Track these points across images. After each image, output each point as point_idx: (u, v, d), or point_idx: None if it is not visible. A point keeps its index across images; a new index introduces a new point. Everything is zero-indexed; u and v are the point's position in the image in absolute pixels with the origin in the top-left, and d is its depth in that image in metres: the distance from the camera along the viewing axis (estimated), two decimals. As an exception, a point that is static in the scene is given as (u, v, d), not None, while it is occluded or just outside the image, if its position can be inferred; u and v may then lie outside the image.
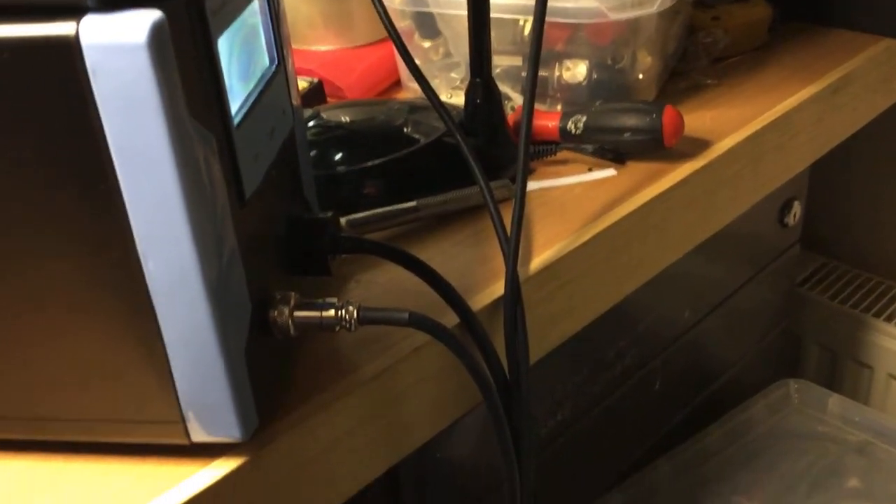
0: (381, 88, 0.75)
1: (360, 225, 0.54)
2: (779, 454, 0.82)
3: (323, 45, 0.75)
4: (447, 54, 0.70)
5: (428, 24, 0.67)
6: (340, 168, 0.60)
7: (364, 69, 0.73)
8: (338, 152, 0.62)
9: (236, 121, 0.36)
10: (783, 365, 0.98)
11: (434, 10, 0.65)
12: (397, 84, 0.75)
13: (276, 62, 0.42)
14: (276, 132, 0.42)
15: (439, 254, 0.54)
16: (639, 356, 0.74)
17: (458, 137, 0.53)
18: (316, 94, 0.70)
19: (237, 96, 0.37)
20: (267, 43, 0.41)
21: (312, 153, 0.63)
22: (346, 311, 0.41)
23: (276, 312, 0.41)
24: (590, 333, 0.59)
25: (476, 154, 0.54)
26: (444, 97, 0.70)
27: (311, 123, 0.64)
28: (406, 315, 0.42)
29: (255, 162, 0.39)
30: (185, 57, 0.32)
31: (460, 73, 0.69)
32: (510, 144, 0.61)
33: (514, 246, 0.50)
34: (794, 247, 0.91)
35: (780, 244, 0.89)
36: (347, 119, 0.66)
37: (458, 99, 0.67)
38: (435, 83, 0.71)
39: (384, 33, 0.75)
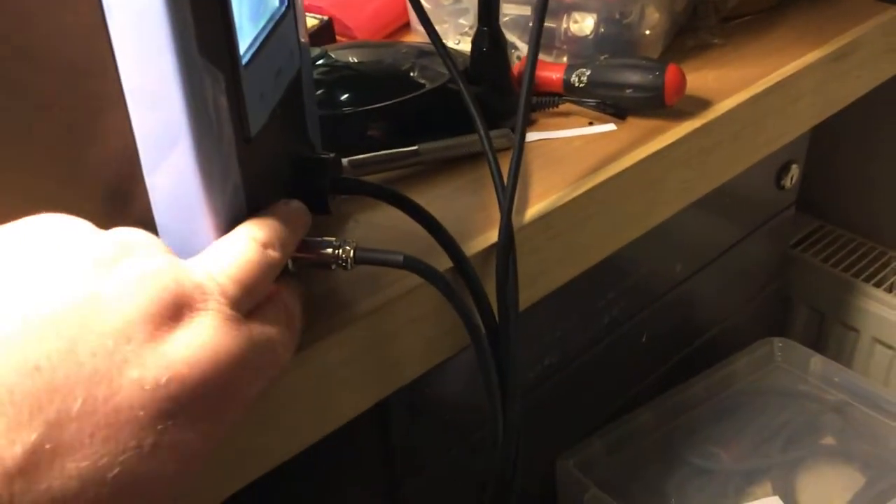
0: (391, 30, 0.75)
1: (362, 166, 0.56)
2: (758, 409, 0.84)
3: (338, -15, 0.75)
4: (456, 0, 0.70)
5: (438, -31, 0.67)
6: (346, 109, 0.61)
7: (374, 10, 0.74)
8: (344, 93, 0.62)
9: (244, 60, 0.37)
10: (772, 325, 1.00)
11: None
12: (406, 27, 0.76)
13: (287, 3, 0.43)
14: (282, 72, 0.43)
15: (438, 198, 0.55)
16: (627, 308, 0.76)
17: (460, 84, 0.54)
18: (325, 32, 0.71)
19: (246, 36, 0.38)
20: None
21: (319, 93, 0.63)
22: (343, 251, 0.42)
23: (275, 248, 0.42)
24: (580, 283, 0.60)
25: (478, 102, 0.55)
26: (451, 43, 0.70)
27: (318, 62, 0.65)
28: (401, 258, 0.43)
29: (261, 101, 0.40)
30: None
31: (469, 20, 0.69)
32: (513, 94, 0.61)
33: (510, 194, 0.51)
34: (789, 209, 0.92)
35: (776, 206, 0.90)
36: (355, 60, 0.67)
37: (466, 45, 0.68)
38: (443, 28, 0.72)
39: (396, -26, 0.76)
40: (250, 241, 0.36)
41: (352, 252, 0.42)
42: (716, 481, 0.77)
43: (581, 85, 0.62)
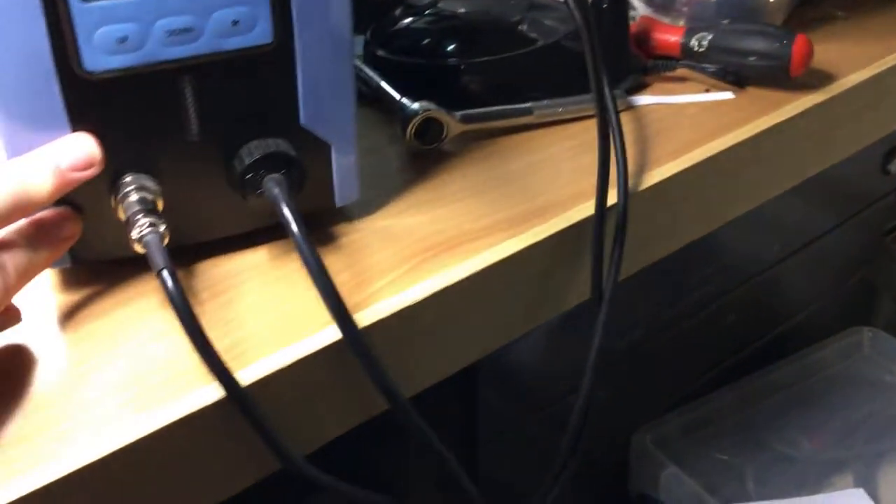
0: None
1: (473, 119, 0.54)
2: (844, 399, 0.81)
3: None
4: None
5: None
6: (452, 60, 0.59)
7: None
8: (451, 43, 0.60)
9: None
10: (856, 313, 0.97)
11: None
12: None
13: None
14: (201, 35, 0.39)
15: (548, 158, 0.54)
16: (718, 286, 0.74)
17: (592, 42, 0.52)
18: (432, -21, 0.69)
19: None
20: None
21: (425, 41, 0.62)
22: None
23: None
24: (675, 257, 0.58)
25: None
26: (562, -2, 0.68)
27: (426, 11, 0.63)
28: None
29: (120, 45, 0.37)
30: None
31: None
32: (630, 55, 0.59)
33: (622, 162, 0.49)
34: (890, 195, 0.88)
35: (877, 191, 0.86)
36: (463, 10, 0.65)
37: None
38: (555, -18, 0.69)
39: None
40: None
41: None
42: (796, 468, 0.75)
43: (701, 49, 0.59)
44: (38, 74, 0.36)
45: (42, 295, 0.43)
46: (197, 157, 0.41)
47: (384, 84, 0.57)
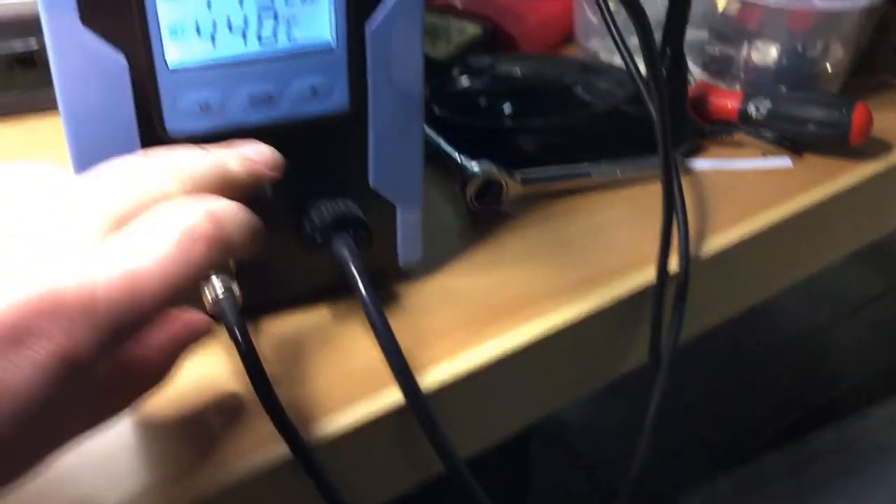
0: (552, 42, 0.74)
1: (534, 181, 0.54)
2: (891, 468, 0.80)
3: (501, -9, 0.74)
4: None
5: (615, -15, 0.65)
6: (510, 122, 0.60)
7: (539, 19, 0.72)
8: (509, 105, 0.61)
9: (174, 63, 0.37)
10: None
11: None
12: (567, 41, 0.74)
13: (335, 44, 0.39)
14: (278, 101, 0.39)
15: (606, 221, 0.54)
16: (771, 349, 0.73)
17: (656, 110, 0.52)
18: (489, 40, 0.70)
19: (200, 45, 0.37)
20: (332, 21, 0.39)
21: (483, 102, 0.63)
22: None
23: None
24: (728, 320, 0.58)
25: (650, 126, 0.53)
26: (616, 61, 0.69)
27: (484, 72, 0.64)
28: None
29: (203, 112, 0.38)
30: None
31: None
32: (687, 121, 0.60)
33: (683, 228, 0.50)
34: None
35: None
36: (518, 72, 0.66)
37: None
38: (607, 43, 0.70)
39: (562, -14, 0.75)
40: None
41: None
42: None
43: (759, 116, 0.59)
44: (121, 134, 0.38)
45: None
46: (269, 217, 0.42)
47: (444, 143, 0.57)
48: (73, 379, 0.28)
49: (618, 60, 0.69)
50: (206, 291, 0.38)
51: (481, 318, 0.46)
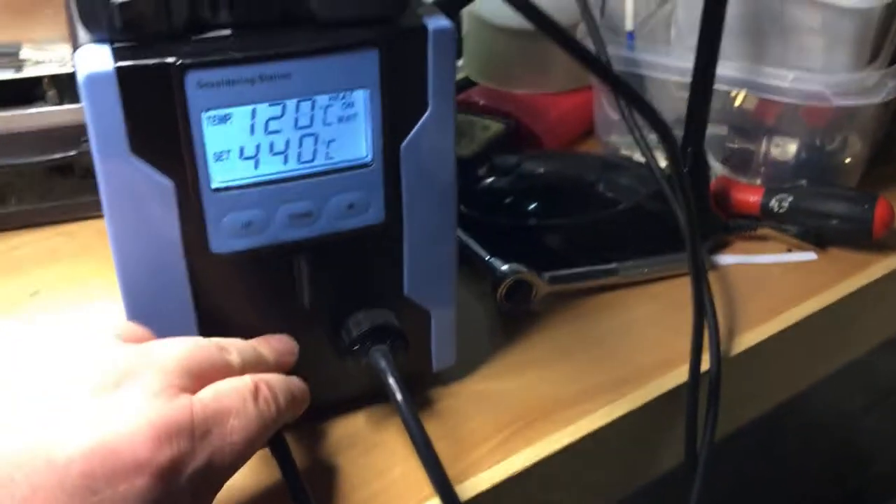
0: (573, 135, 0.75)
1: (562, 281, 0.55)
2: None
3: (520, 87, 0.76)
4: (648, 113, 0.70)
5: (633, 82, 0.67)
6: (535, 220, 0.60)
7: (558, 115, 0.74)
8: (533, 203, 0.62)
9: (218, 184, 0.38)
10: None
11: (646, 72, 0.65)
12: (587, 134, 0.76)
13: (371, 162, 0.40)
14: (319, 217, 0.41)
15: (635, 319, 0.54)
16: (803, 439, 0.73)
17: (682, 209, 0.53)
18: (511, 136, 0.71)
19: (242, 168, 0.38)
20: (369, 140, 0.40)
21: (508, 200, 0.63)
22: None
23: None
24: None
25: (673, 223, 0.54)
26: (637, 156, 0.70)
27: (510, 171, 0.66)
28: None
29: (245, 228, 0.39)
30: (150, 106, 0.36)
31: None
32: (710, 216, 0.60)
33: (713, 324, 0.50)
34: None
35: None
36: (542, 170, 0.67)
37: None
38: (628, 140, 0.72)
39: (582, 81, 0.76)
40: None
41: None
42: None
43: (781, 210, 0.60)
44: (167, 253, 0.39)
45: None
46: (307, 325, 0.43)
47: (472, 243, 0.58)
48: None
49: (639, 155, 0.70)
50: None
51: (517, 422, 0.46)
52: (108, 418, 0.32)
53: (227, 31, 0.37)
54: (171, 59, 0.35)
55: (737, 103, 0.64)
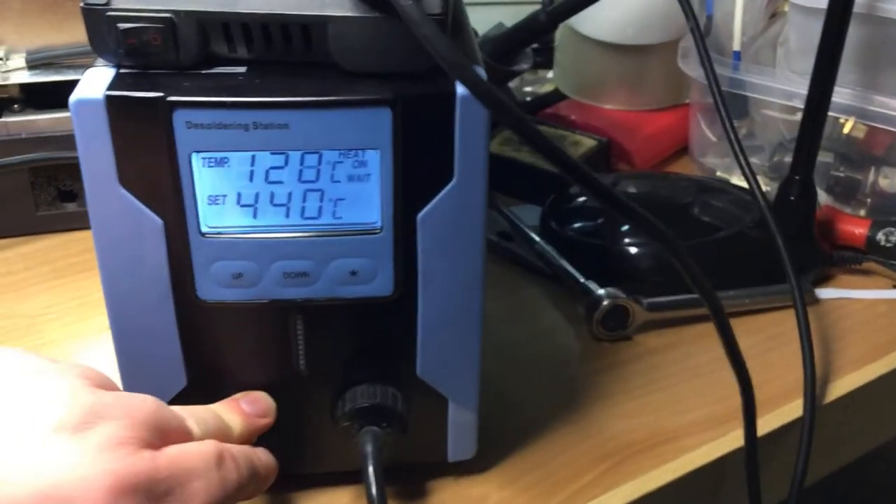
0: (665, 154, 0.73)
1: (661, 308, 0.53)
2: None
3: (613, 103, 0.74)
4: (748, 136, 0.68)
5: (736, 103, 0.65)
6: (631, 243, 0.58)
7: (651, 133, 0.72)
8: (623, 226, 0.60)
9: (208, 229, 0.36)
10: None
11: (750, 93, 0.63)
12: (679, 154, 0.74)
13: (381, 228, 0.36)
14: (321, 278, 0.37)
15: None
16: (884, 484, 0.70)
17: (779, 239, 0.52)
18: (603, 154, 0.70)
19: (239, 215, 0.36)
20: (381, 204, 0.36)
21: (597, 221, 0.62)
22: None
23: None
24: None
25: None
26: (734, 179, 0.68)
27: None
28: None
29: (236, 280, 0.37)
30: (139, 140, 0.34)
31: (761, 159, 0.66)
32: (815, 247, 0.58)
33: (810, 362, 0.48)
34: None
35: None
36: (633, 190, 0.65)
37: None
38: (726, 162, 0.70)
39: (676, 99, 0.75)
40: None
41: None
42: None
43: (888, 244, 0.58)
44: (155, 294, 0.37)
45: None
46: (302, 391, 0.40)
47: (565, 263, 0.57)
48: None
49: (735, 178, 0.68)
50: None
51: (614, 455, 0.44)
52: (65, 461, 0.29)
53: (241, 69, 0.35)
54: (158, 94, 0.33)
55: (845, 131, 0.61)
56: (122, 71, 0.34)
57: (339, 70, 0.35)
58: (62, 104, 0.58)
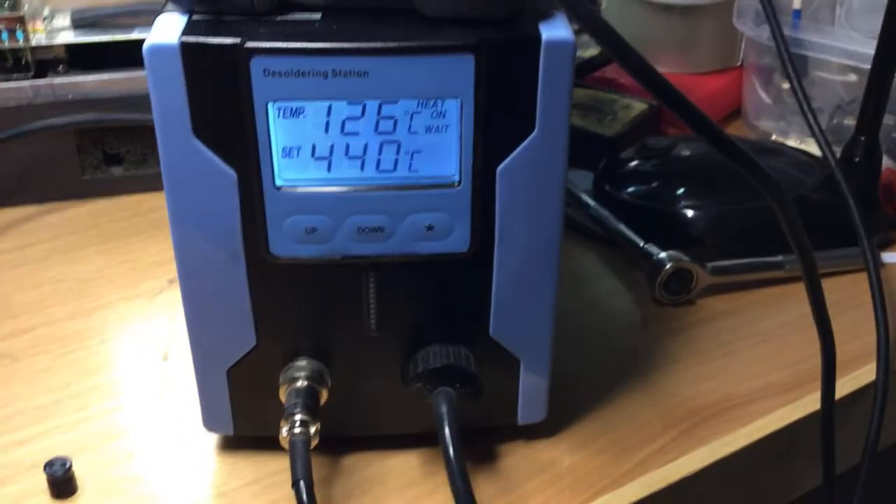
0: (717, 117, 0.72)
1: (725, 272, 0.52)
2: None
3: (663, 66, 0.72)
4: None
5: (796, 62, 0.63)
6: (690, 205, 0.57)
7: (704, 95, 0.70)
8: (686, 189, 0.59)
9: (283, 182, 0.35)
10: None
11: (810, 53, 0.61)
12: (730, 117, 0.72)
13: (459, 181, 0.35)
14: (404, 232, 0.36)
15: (800, 318, 0.51)
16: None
17: (851, 201, 0.50)
18: (654, 117, 0.68)
19: (313, 168, 0.34)
20: (460, 156, 0.35)
21: (653, 184, 0.60)
22: None
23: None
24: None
25: (840, 216, 0.51)
26: (792, 143, 0.66)
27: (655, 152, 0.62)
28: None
29: (310, 235, 0.36)
30: (215, 89, 0.33)
31: (821, 122, 0.65)
32: (880, 210, 0.57)
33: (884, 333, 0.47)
34: None
35: None
36: (688, 153, 0.64)
37: (808, 147, 0.64)
38: (782, 125, 0.68)
39: (728, 62, 0.73)
40: None
41: None
42: None
43: (955, 208, 0.56)
44: (226, 250, 0.36)
45: (201, 456, 0.42)
46: (372, 352, 0.39)
47: (623, 227, 0.55)
48: None
49: (791, 141, 0.67)
50: (284, 424, 0.37)
51: (684, 420, 0.43)
52: None
53: (316, 16, 0.34)
54: (236, 41, 0.32)
55: (909, 91, 0.59)
56: (194, 18, 0.33)
57: (415, 15, 0.33)
58: (108, 64, 0.57)
